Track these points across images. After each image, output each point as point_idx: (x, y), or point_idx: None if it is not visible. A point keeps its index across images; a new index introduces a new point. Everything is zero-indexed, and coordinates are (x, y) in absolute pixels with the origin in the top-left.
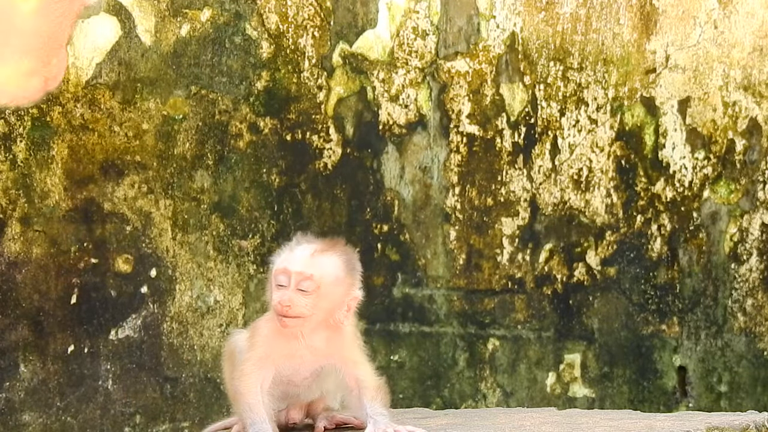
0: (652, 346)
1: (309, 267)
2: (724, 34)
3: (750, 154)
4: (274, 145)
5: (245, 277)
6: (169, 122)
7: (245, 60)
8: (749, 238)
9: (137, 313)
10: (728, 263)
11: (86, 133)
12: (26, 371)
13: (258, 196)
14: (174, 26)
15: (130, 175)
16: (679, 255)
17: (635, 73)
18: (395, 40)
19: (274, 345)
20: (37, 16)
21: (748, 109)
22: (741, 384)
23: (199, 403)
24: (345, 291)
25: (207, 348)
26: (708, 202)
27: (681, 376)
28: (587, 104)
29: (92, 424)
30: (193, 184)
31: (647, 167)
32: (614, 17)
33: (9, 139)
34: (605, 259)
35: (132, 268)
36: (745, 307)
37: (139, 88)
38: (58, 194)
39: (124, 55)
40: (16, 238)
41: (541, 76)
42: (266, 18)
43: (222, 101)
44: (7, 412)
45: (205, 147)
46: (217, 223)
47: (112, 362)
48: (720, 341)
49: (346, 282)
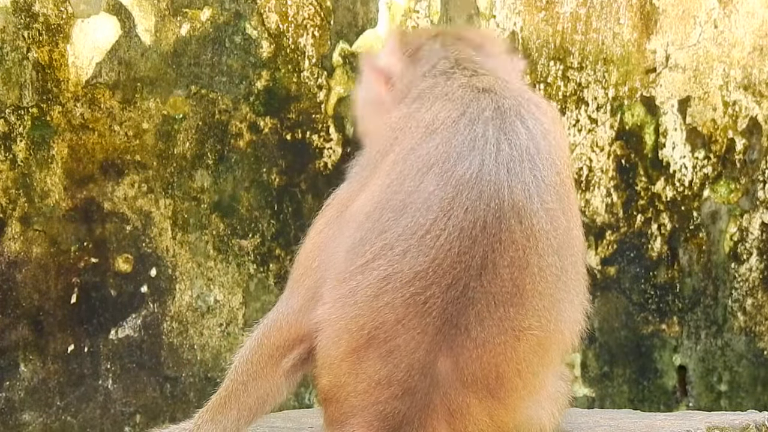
0: (652, 345)
1: None
2: (724, 34)
3: (750, 154)
4: (274, 145)
5: (245, 277)
6: (169, 122)
7: (245, 59)
8: (749, 237)
9: (137, 313)
10: (728, 263)
11: (86, 132)
12: (26, 371)
13: (258, 195)
14: (174, 26)
15: (130, 175)
16: (679, 254)
17: (635, 72)
18: None
19: None
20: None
21: (748, 108)
22: (741, 383)
23: (199, 402)
24: None
25: (207, 347)
26: (708, 202)
27: (681, 375)
28: (587, 104)
29: (92, 423)
30: (193, 184)
31: (647, 167)
32: (614, 17)
33: (9, 138)
34: (605, 258)
35: (132, 268)
36: (745, 306)
37: (139, 88)
38: (58, 194)
39: (124, 54)
40: (16, 238)
41: (541, 75)
42: (266, 17)
43: (222, 101)
44: (7, 412)
45: (205, 146)
46: (217, 223)
47: (112, 362)
48: (720, 341)
49: None
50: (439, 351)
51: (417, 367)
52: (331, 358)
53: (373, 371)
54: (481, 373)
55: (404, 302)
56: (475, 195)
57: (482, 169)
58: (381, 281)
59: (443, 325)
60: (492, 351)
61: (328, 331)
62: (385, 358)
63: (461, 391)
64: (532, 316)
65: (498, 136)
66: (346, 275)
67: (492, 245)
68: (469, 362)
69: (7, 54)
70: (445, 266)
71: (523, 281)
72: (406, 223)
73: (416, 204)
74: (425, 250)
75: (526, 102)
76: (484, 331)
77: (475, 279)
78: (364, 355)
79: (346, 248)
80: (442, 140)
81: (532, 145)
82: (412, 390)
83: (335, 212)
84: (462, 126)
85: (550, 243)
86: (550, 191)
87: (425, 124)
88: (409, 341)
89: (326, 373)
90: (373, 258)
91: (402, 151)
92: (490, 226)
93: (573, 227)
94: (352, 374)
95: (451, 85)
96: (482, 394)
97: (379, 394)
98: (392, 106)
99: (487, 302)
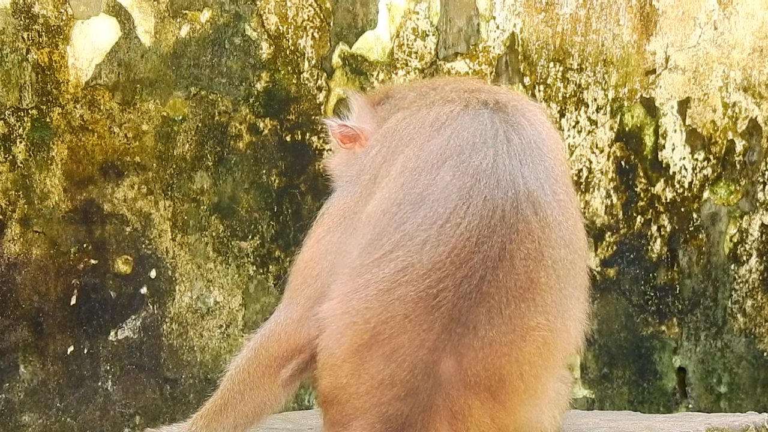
0: (651, 347)
1: None
2: (724, 35)
3: (750, 155)
4: (274, 146)
5: (245, 278)
6: (168, 123)
7: (245, 61)
8: (749, 239)
9: (137, 314)
10: (728, 264)
11: (86, 134)
12: (26, 372)
13: (258, 197)
14: (174, 27)
15: (129, 176)
16: (679, 256)
17: (635, 74)
18: (395, 41)
19: None
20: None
21: (747, 110)
22: (741, 385)
23: (199, 404)
24: None
25: (207, 349)
26: (708, 203)
27: (681, 377)
28: (587, 105)
29: (92, 425)
30: (193, 185)
31: (647, 168)
32: (614, 18)
33: (9, 140)
34: (605, 260)
35: (132, 269)
36: (745, 308)
37: (138, 89)
38: (58, 195)
39: (123, 56)
40: (15, 239)
41: (540, 77)
42: (266, 19)
43: (222, 102)
44: (7, 413)
45: (205, 148)
46: (216, 225)
47: (111, 363)
48: (720, 342)
49: None
50: (443, 350)
51: (420, 366)
52: (333, 357)
53: (375, 371)
54: (484, 374)
55: (416, 296)
56: (493, 183)
57: (497, 159)
58: (398, 273)
59: (450, 322)
60: (498, 351)
61: (332, 328)
62: (389, 357)
63: (463, 392)
64: (541, 314)
65: (506, 128)
66: (360, 270)
67: (510, 236)
68: (474, 362)
69: (6, 55)
70: (463, 256)
71: (538, 274)
72: (425, 214)
73: (434, 195)
74: (445, 240)
75: (516, 97)
76: (492, 330)
77: (491, 272)
78: (366, 355)
79: (361, 245)
80: (452, 133)
81: (538, 137)
82: (415, 391)
83: (336, 219)
84: (469, 119)
85: (561, 235)
86: (560, 182)
87: (430, 122)
88: (413, 338)
89: (327, 374)
90: (392, 249)
91: (411, 149)
92: (509, 215)
93: (578, 220)
94: (355, 375)
95: (444, 89)
96: (484, 396)
97: (381, 396)
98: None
99: (499, 298)
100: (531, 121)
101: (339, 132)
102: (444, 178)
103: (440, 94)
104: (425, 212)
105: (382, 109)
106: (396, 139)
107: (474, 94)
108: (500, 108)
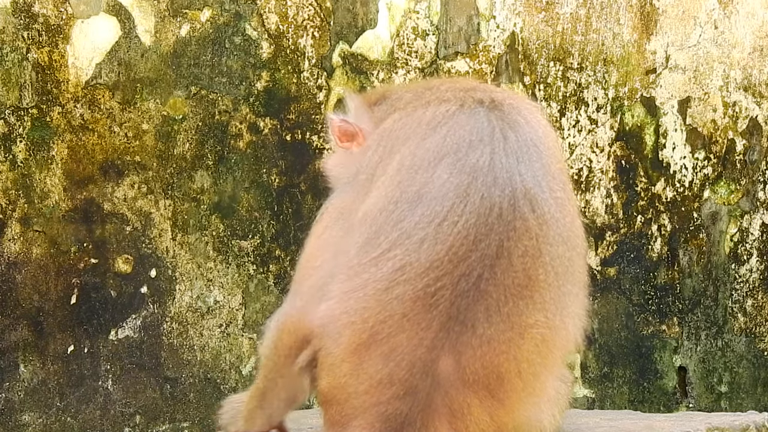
0: (652, 346)
1: None
2: (725, 35)
3: (750, 155)
4: (274, 146)
5: (245, 278)
6: (168, 122)
7: (245, 60)
8: (749, 238)
9: (137, 314)
10: (728, 263)
11: (86, 133)
12: (26, 371)
13: (258, 196)
14: (174, 26)
15: (129, 176)
16: (680, 255)
17: (635, 73)
18: (395, 41)
19: None
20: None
21: (748, 109)
22: (741, 384)
23: (199, 403)
24: None
25: (207, 348)
26: (708, 203)
27: (681, 376)
28: (587, 104)
29: (92, 424)
30: (193, 185)
31: (647, 167)
32: (614, 17)
33: (9, 139)
34: (605, 259)
35: (132, 269)
36: (746, 307)
37: (138, 89)
38: (58, 194)
39: (123, 55)
40: (16, 239)
41: (541, 76)
42: (266, 18)
43: (222, 101)
44: (7, 413)
45: (205, 147)
46: (216, 224)
47: (112, 362)
48: (720, 341)
49: None
50: (441, 349)
51: (419, 365)
52: (332, 357)
53: (374, 371)
54: (483, 372)
55: (414, 294)
56: (490, 181)
57: (493, 157)
58: (395, 272)
59: (448, 321)
60: (496, 349)
61: (330, 328)
62: (387, 356)
63: (462, 390)
64: (539, 311)
65: (502, 126)
66: (357, 269)
67: (507, 233)
68: (472, 361)
69: (6, 55)
70: (461, 254)
71: (536, 272)
72: (422, 212)
73: (431, 193)
74: (442, 238)
75: (512, 96)
76: (490, 328)
77: (489, 269)
78: (365, 354)
79: (358, 244)
80: (448, 132)
81: (534, 134)
82: (414, 389)
83: (335, 216)
84: (465, 117)
85: (559, 232)
86: (557, 180)
87: (426, 121)
88: (411, 337)
89: (326, 374)
90: (390, 248)
91: (408, 148)
92: (506, 213)
93: (576, 217)
94: (353, 375)
95: (440, 89)
96: (483, 394)
97: (380, 395)
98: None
99: (497, 295)
100: (527, 119)
101: (339, 126)
102: (441, 176)
103: (436, 94)
104: (422, 210)
105: (378, 109)
106: (392, 139)
107: (470, 93)
108: (496, 106)
